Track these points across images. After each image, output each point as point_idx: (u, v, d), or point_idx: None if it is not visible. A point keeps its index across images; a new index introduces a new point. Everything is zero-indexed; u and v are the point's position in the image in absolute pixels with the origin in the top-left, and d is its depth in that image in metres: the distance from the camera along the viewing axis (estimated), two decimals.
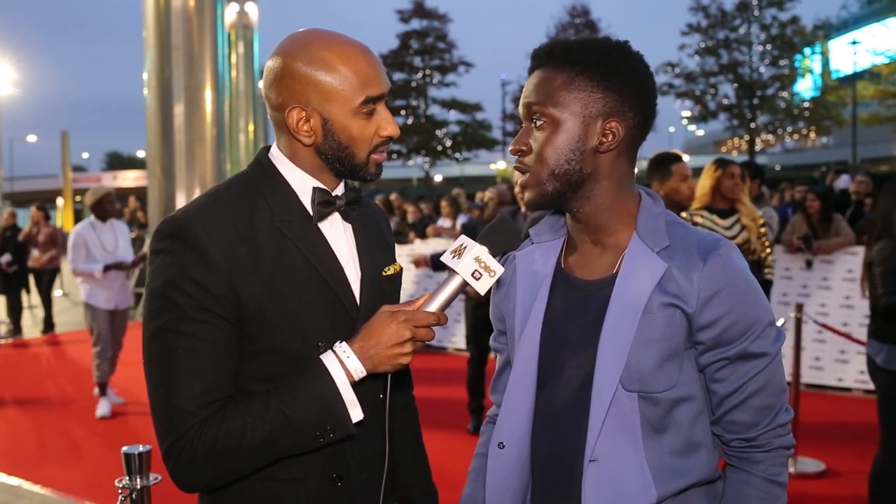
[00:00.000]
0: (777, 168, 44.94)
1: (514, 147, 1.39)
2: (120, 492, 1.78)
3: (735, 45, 35.53)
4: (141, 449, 1.79)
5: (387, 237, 1.62)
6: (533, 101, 1.36)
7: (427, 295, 1.40)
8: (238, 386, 1.36)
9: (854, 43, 33.35)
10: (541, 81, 1.36)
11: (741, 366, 1.33)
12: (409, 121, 39.99)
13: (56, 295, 15.03)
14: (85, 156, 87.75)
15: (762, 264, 4.46)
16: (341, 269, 1.43)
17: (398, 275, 1.57)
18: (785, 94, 36.09)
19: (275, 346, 1.37)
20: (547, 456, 1.40)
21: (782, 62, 35.15)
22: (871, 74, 31.65)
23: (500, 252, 1.41)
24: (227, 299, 1.32)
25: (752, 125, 36.14)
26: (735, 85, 35.71)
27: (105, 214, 6.33)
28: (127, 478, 1.78)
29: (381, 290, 1.50)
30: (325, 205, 1.43)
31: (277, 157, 1.45)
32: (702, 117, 37.13)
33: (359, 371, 1.35)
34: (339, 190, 1.48)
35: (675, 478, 1.32)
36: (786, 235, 6.68)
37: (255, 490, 1.39)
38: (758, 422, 1.35)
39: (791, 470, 4.45)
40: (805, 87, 37.66)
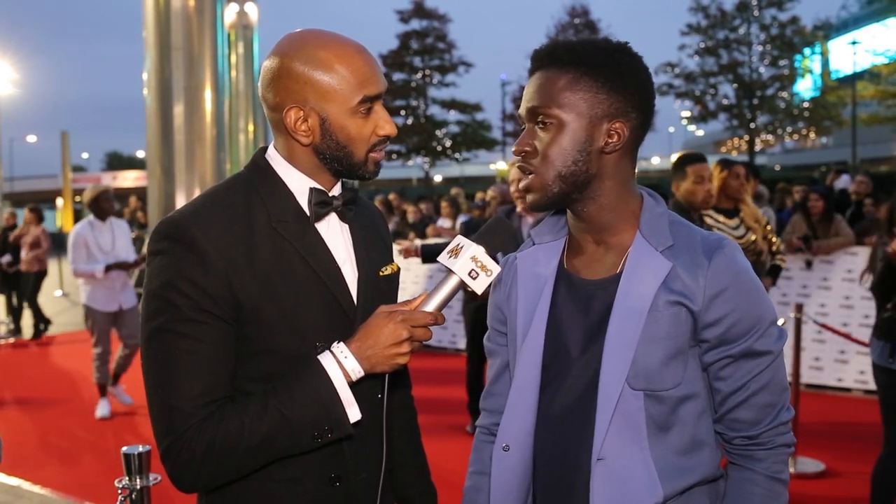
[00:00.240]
0: (777, 168, 44.93)
1: (517, 148, 1.38)
2: (120, 492, 1.78)
3: (735, 45, 35.50)
4: (141, 449, 1.79)
5: (384, 237, 1.62)
6: (537, 102, 1.35)
7: (424, 295, 1.40)
8: (236, 386, 1.36)
9: (854, 43, 33.36)
10: (544, 82, 1.36)
11: (745, 364, 1.34)
12: (409, 121, 39.89)
13: (56, 295, 15.09)
14: (85, 156, 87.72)
15: (773, 253, 4.63)
16: (338, 269, 1.43)
17: (396, 275, 1.57)
18: (785, 94, 36.05)
19: (272, 346, 1.37)
20: (550, 456, 1.40)
21: (782, 62, 35.11)
22: (870, 74, 31.65)
23: (497, 251, 1.41)
24: (225, 300, 1.32)
25: (752, 125, 36.11)
26: (735, 85, 35.68)
27: (103, 213, 6.22)
28: (127, 478, 1.78)
29: (379, 290, 1.50)
30: (322, 205, 1.43)
31: (274, 158, 1.45)
32: (701, 117, 37.09)
33: (356, 371, 1.35)
34: (336, 190, 1.48)
35: (680, 476, 1.32)
36: (786, 235, 6.68)
37: (253, 490, 1.39)
38: (760, 419, 1.36)
39: (791, 470, 4.45)
40: (805, 88, 37.62)
